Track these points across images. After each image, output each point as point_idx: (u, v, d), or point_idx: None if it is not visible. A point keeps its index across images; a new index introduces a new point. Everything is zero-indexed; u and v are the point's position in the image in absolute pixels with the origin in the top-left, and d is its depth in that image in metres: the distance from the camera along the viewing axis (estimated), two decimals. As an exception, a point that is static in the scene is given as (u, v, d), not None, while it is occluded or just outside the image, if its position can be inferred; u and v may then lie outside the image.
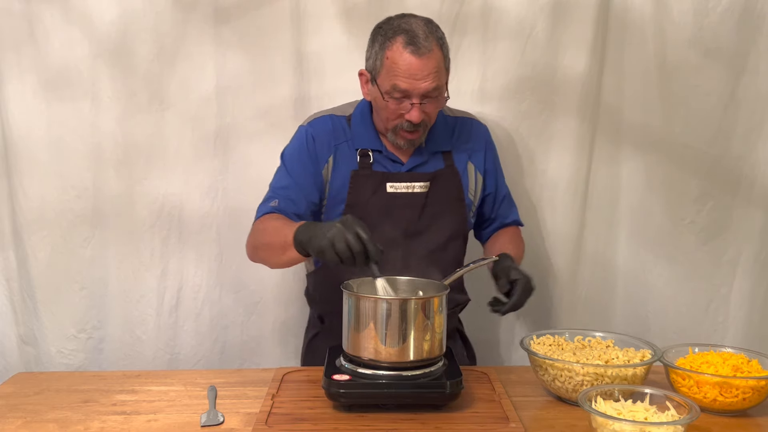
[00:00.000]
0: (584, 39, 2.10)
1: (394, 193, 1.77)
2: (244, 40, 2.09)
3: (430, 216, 1.79)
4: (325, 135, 1.80)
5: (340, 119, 1.83)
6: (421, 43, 1.62)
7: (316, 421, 1.41)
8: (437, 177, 1.80)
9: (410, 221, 1.77)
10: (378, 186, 1.77)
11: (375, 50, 1.69)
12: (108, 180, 2.13)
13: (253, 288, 2.21)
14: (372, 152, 1.78)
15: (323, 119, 1.83)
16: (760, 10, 2.10)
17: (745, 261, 2.24)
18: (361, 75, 1.76)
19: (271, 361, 2.22)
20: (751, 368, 1.50)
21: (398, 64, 1.63)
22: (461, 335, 2.01)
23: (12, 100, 2.09)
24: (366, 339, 1.46)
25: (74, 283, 2.17)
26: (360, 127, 1.81)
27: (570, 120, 2.15)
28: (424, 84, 1.64)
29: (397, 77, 1.64)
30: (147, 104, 2.10)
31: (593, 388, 1.39)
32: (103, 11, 2.05)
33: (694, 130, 2.17)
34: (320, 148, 1.79)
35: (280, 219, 1.72)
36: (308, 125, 1.84)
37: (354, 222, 1.45)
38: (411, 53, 1.62)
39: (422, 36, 1.63)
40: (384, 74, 1.67)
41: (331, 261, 1.44)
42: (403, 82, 1.64)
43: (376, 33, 1.71)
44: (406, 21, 1.67)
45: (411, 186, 1.77)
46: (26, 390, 1.61)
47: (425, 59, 1.62)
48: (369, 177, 1.77)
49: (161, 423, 1.44)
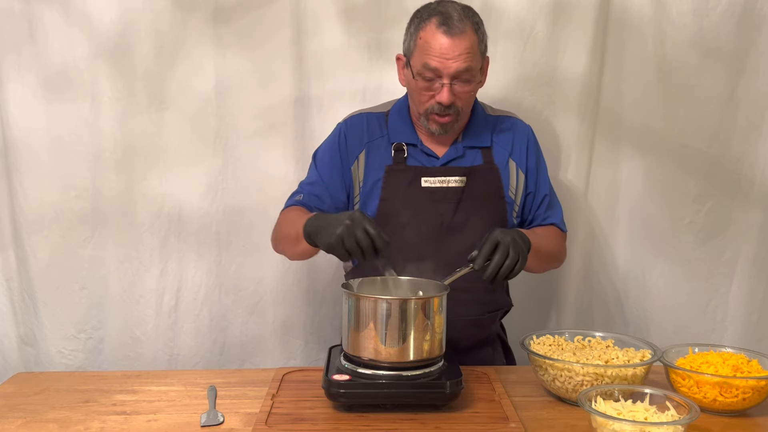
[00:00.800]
0: (584, 39, 2.10)
1: (429, 188, 1.75)
2: (244, 40, 2.09)
3: (467, 211, 1.76)
4: (358, 132, 1.81)
5: (378, 116, 1.83)
6: (454, 23, 1.63)
7: (316, 421, 1.41)
8: (474, 172, 1.78)
9: (445, 216, 1.75)
10: (412, 180, 1.75)
11: (410, 32, 1.71)
12: (108, 180, 2.13)
13: (253, 288, 2.21)
14: (407, 147, 1.78)
15: (358, 117, 1.84)
16: (759, 10, 2.10)
17: (744, 261, 2.24)
18: (398, 60, 1.77)
19: (271, 361, 2.22)
20: (751, 368, 1.51)
21: (430, 43, 1.64)
22: (503, 343, 1.96)
23: (12, 100, 2.08)
24: (366, 339, 1.46)
25: (74, 283, 2.17)
26: (397, 122, 1.81)
27: (570, 120, 2.15)
28: (455, 64, 1.63)
29: (428, 56, 1.64)
30: (147, 104, 2.10)
31: (593, 388, 1.39)
32: (103, 11, 2.05)
33: (693, 130, 2.17)
34: (351, 146, 1.80)
35: (300, 211, 1.74)
36: (343, 123, 1.85)
37: (362, 217, 1.46)
38: (443, 33, 1.63)
39: (456, 18, 1.64)
40: (417, 54, 1.67)
41: (341, 258, 1.48)
42: (433, 60, 1.64)
43: (412, 18, 1.72)
44: (443, 5, 1.69)
45: (446, 180, 1.75)
46: (26, 390, 1.61)
47: (457, 39, 1.63)
48: (403, 171, 1.76)
49: (161, 423, 1.44)
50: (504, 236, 1.53)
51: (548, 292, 2.26)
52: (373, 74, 2.12)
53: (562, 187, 2.17)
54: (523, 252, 1.54)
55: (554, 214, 1.91)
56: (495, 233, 1.53)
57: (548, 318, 2.28)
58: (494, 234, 1.53)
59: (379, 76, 2.12)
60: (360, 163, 1.79)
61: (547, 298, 2.27)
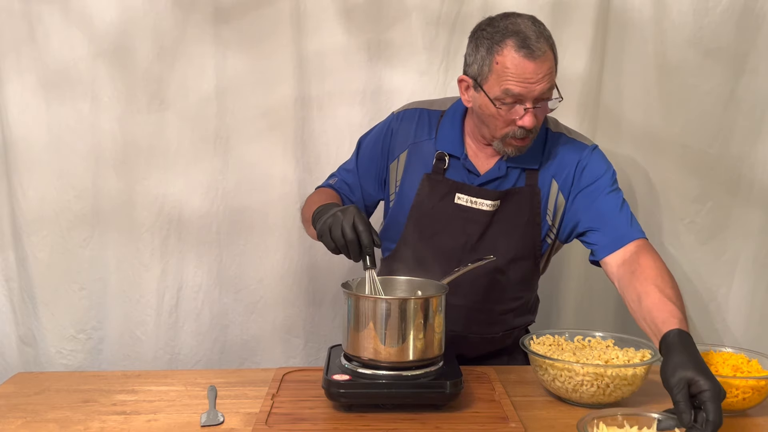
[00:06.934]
0: (584, 39, 2.10)
1: (461, 206, 1.69)
2: (244, 40, 2.09)
3: (495, 236, 1.70)
4: (406, 130, 1.75)
5: (432, 114, 1.76)
6: (533, 45, 1.51)
7: (316, 421, 1.41)
8: (511, 195, 1.68)
9: (472, 236, 1.70)
10: (446, 194, 1.69)
11: (481, 55, 1.57)
12: (108, 180, 2.13)
13: (253, 288, 2.21)
14: (450, 158, 1.70)
15: (412, 112, 1.77)
16: (759, 9, 2.10)
17: (744, 261, 2.25)
18: (461, 81, 1.64)
19: (271, 361, 2.22)
20: (751, 368, 1.50)
21: (510, 68, 1.52)
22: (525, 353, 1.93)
23: (12, 100, 2.09)
24: (366, 339, 1.46)
25: (74, 283, 2.17)
26: (447, 128, 1.73)
27: (570, 120, 2.15)
28: (538, 87, 1.53)
29: (508, 82, 1.53)
30: (147, 104, 2.10)
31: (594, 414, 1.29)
32: (103, 11, 2.05)
33: (693, 130, 2.17)
34: (395, 143, 1.76)
35: (327, 194, 1.74)
36: (395, 115, 1.79)
37: (355, 211, 1.45)
38: (524, 57, 1.51)
39: (534, 38, 1.52)
40: (493, 79, 1.55)
41: (327, 246, 1.46)
42: (516, 86, 1.53)
43: (479, 36, 1.59)
44: (513, 22, 1.55)
45: (477, 202, 1.68)
46: (26, 390, 1.61)
47: (539, 62, 1.52)
48: (439, 183, 1.70)
49: (161, 423, 1.44)
50: (716, 389, 1.22)
51: (548, 293, 2.26)
52: (373, 74, 2.12)
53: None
54: None
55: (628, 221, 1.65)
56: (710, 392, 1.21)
57: (548, 318, 2.28)
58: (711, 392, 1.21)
59: (379, 76, 2.12)
60: (400, 162, 1.75)
61: (547, 298, 2.27)
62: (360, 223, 1.43)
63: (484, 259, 1.62)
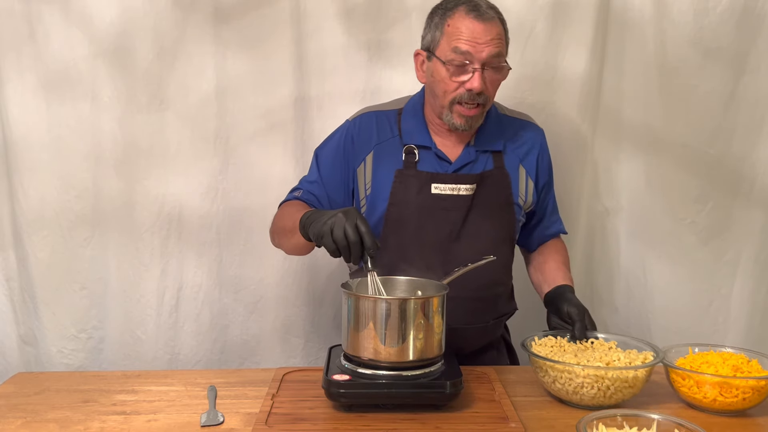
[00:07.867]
0: (584, 39, 2.10)
1: (439, 195, 1.72)
2: (244, 40, 2.09)
3: (476, 219, 1.74)
4: (366, 132, 1.77)
5: (389, 114, 1.79)
6: (483, 10, 1.62)
7: (316, 421, 1.41)
8: (485, 178, 1.74)
9: (455, 224, 1.73)
10: (422, 186, 1.72)
11: (434, 23, 1.67)
12: (108, 180, 2.13)
13: (254, 288, 2.21)
14: (419, 150, 1.74)
15: (368, 116, 1.80)
16: (760, 10, 2.10)
17: (745, 261, 2.24)
18: (417, 56, 1.74)
19: (271, 361, 2.22)
20: (751, 368, 1.50)
21: (460, 28, 1.62)
22: (507, 344, 1.96)
23: (12, 100, 2.08)
24: (366, 339, 1.46)
25: (74, 283, 2.17)
26: (410, 122, 1.77)
27: (570, 120, 2.15)
28: (486, 48, 1.61)
29: (458, 41, 1.61)
30: (147, 104, 2.10)
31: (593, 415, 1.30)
32: (103, 11, 2.05)
33: (694, 130, 2.17)
34: (358, 147, 1.77)
35: (298, 205, 1.73)
36: (351, 122, 1.81)
37: (355, 213, 1.45)
38: (474, 18, 1.61)
39: (484, 6, 1.64)
40: (444, 42, 1.64)
41: (328, 248, 1.46)
42: (464, 44, 1.61)
43: (434, 10, 1.70)
44: None
45: (456, 188, 1.72)
46: (26, 390, 1.61)
47: (488, 24, 1.61)
48: (413, 177, 1.72)
49: (161, 423, 1.44)
50: (580, 303, 1.69)
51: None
52: (373, 74, 2.12)
53: (563, 187, 2.16)
54: None
55: (557, 218, 1.94)
56: (580, 306, 1.68)
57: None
58: (581, 307, 1.67)
59: (379, 76, 2.12)
60: (367, 165, 1.76)
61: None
62: (362, 225, 1.43)
63: (484, 258, 1.63)
